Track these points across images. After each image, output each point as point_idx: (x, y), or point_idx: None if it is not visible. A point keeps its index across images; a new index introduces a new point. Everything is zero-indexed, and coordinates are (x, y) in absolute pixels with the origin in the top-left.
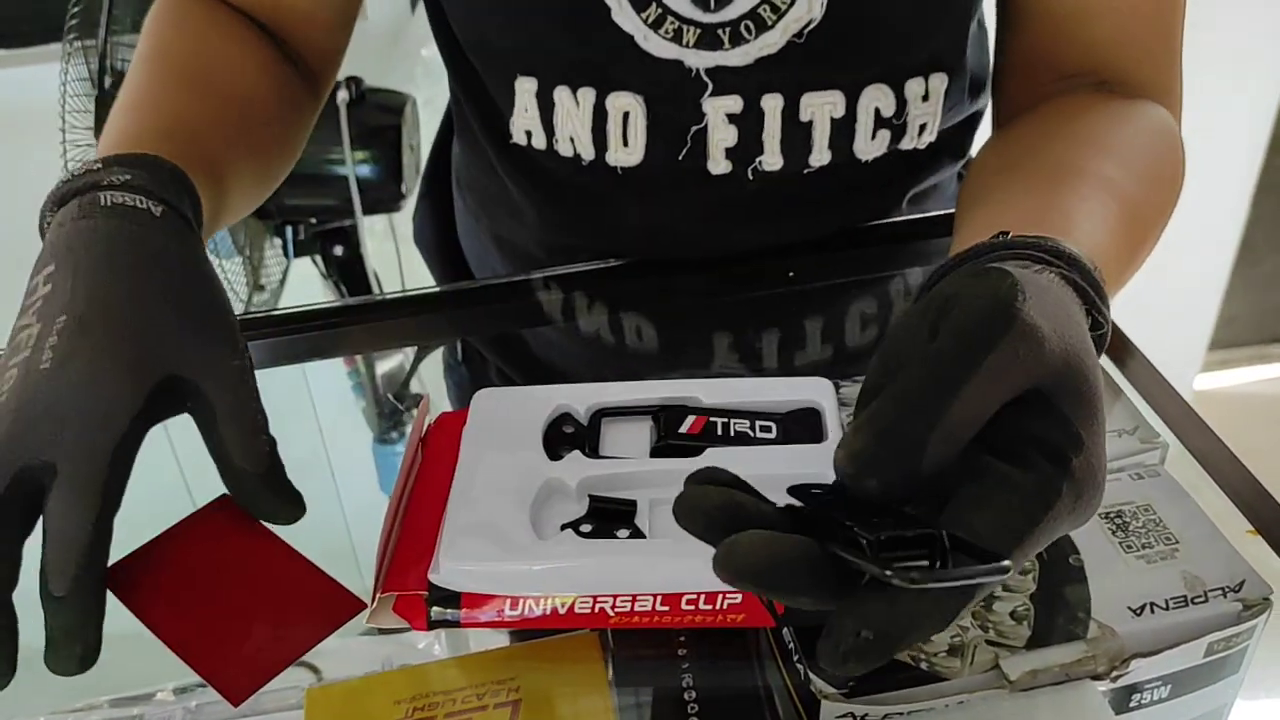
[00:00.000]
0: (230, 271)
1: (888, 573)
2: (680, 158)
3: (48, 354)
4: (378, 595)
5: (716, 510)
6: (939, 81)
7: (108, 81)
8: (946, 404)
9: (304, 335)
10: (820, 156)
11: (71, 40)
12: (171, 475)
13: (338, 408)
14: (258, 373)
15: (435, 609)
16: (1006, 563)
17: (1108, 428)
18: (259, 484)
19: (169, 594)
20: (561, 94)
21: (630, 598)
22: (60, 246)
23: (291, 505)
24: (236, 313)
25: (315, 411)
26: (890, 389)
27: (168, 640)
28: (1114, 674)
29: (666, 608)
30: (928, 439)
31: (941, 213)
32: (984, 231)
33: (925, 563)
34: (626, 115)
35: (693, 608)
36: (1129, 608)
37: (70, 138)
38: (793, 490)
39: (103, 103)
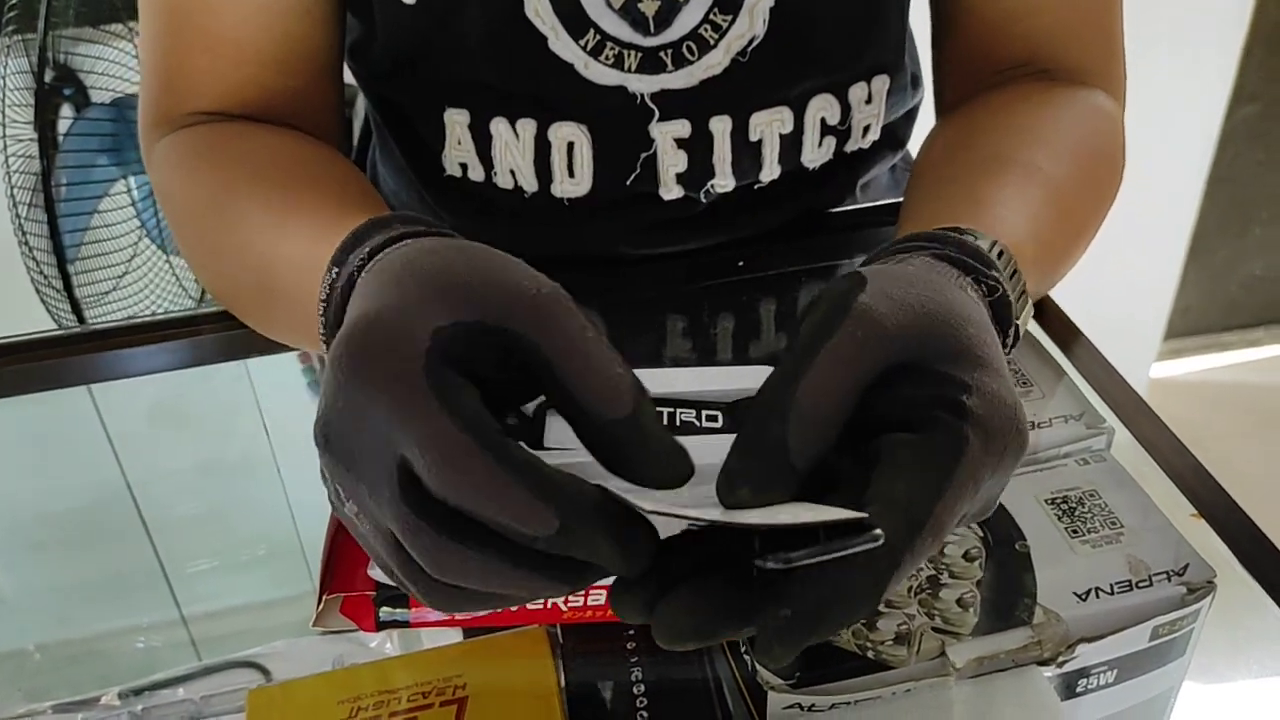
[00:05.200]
0: (179, 268)
1: (762, 560)
2: (629, 184)
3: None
4: (324, 597)
5: (647, 590)
6: (880, 83)
7: (49, 76)
8: (790, 395)
9: (252, 331)
10: (770, 172)
11: (10, 34)
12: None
13: (288, 404)
14: (203, 369)
15: (384, 609)
16: (876, 531)
17: (1054, 413)
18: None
19: None
20: (499, 126)
21: (582, 591)
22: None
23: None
24: (187, 309)
25: (259, 407)
26: (755, 399)
27: None
28: (1060, 659)
29: None
30: (786, 434)
31: (886, 201)
32: (910, 228)
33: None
34: (571, 146)
35: None
36: (1074, 593)
37: (10, 132)
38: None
39: (43, 97)
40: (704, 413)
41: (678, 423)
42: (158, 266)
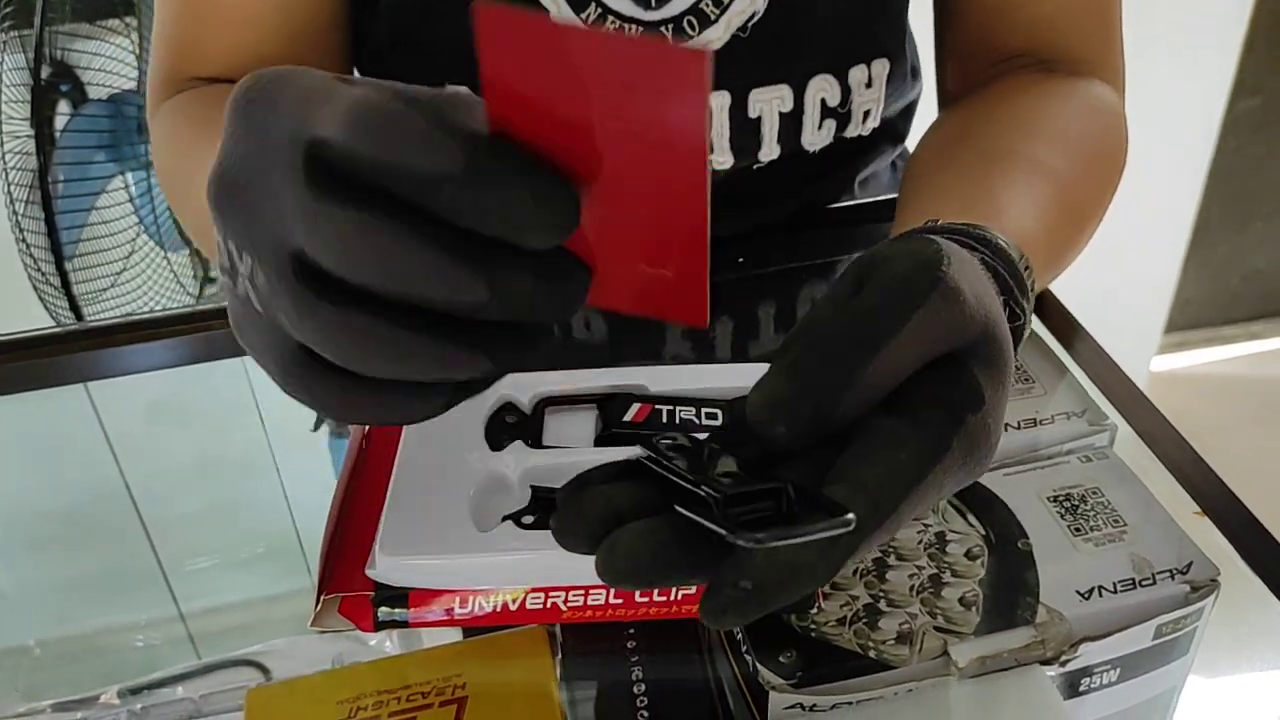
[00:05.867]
0: (177, 265)
1: (734, 534)
2: None
3: None
4: (322, 597)
5: (595, 523)
6: (881, 67)
7: (45, 72)
8: (869, 357)
9: None
10: (769, 151)
11: (7, 29)
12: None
13: (286, 402)
14: (201, 366)
15: (383, 609)
16: (850, 516)
17: (1056, 410)
18: None
19: None
20: None
21: (583, 591)
22: None
23: None
24: (186, 306)
25: (258, 404)
26: (812, 337)
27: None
28: (1063, 658)
29: (620, 600)
30: (846, 390)
31: (887, 197)
32: (917, 220)
33: (769, 518)
34: None
35: (647, 599)
36: (1077, 591)
37: (7, 129)
38: (644, 443)
39: (40, 94)
40: (704, 410)
41: (678, 420)
42: (156, 263)
